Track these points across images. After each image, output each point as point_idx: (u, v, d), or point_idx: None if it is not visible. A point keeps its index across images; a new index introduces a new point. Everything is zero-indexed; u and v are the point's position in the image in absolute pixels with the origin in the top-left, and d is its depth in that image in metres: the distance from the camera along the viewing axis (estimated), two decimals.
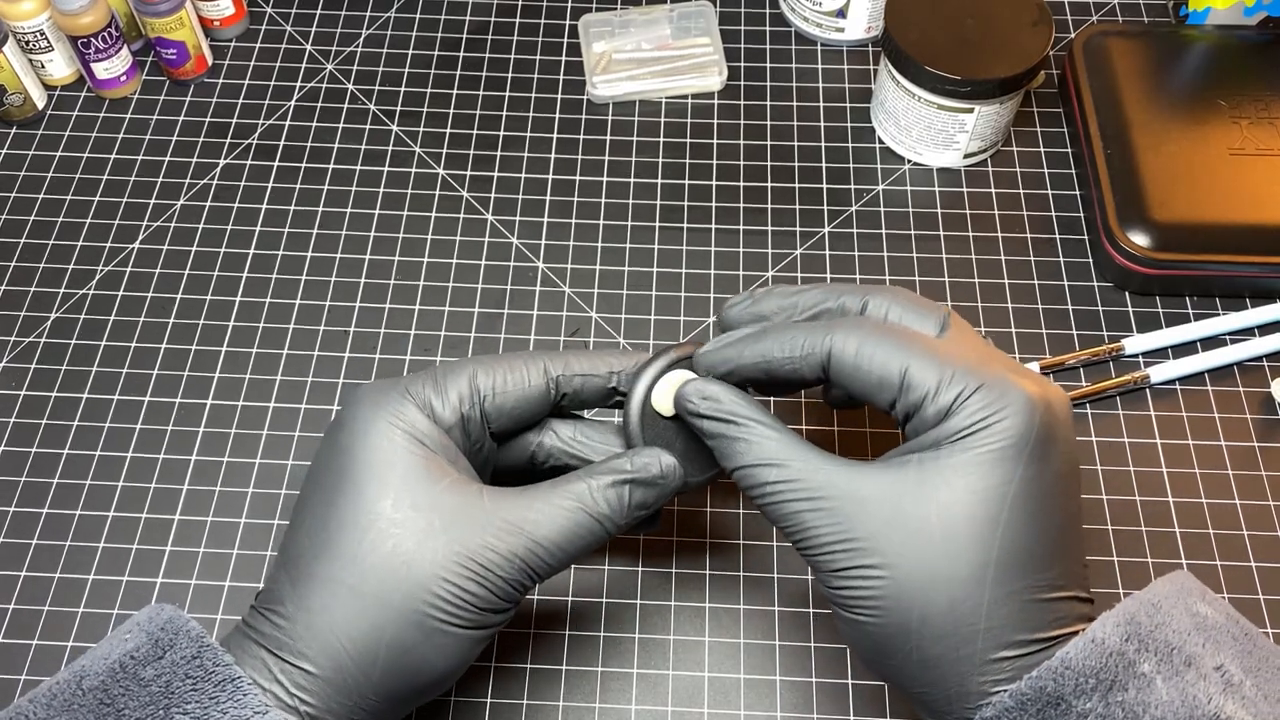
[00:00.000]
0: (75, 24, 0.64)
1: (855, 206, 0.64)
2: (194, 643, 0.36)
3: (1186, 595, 0.37)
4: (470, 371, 0.42)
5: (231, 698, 0.35)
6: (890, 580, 0.36)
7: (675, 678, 0.49)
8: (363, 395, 0.41)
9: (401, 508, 0.38)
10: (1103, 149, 0.61)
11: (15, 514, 0.53)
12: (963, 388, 0.36)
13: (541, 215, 0.64)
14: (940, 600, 0.35)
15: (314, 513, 0.39)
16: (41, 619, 0.51)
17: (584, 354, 0.43)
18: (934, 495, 0.36)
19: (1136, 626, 0.35)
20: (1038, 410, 0.36)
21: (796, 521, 0.38)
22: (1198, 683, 0.34)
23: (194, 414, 0.56)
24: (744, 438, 0.39)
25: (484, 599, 0.38)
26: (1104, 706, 0.33)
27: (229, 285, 0.61)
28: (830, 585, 0.37)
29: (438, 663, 0.38)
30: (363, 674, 0.37)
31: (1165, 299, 0.60)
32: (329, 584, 0.37)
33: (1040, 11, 0.62)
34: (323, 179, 0.65)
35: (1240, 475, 0.54)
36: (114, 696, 0.35)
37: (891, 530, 0.36)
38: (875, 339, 0.38)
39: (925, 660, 0.36)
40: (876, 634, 0.37)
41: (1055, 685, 0.34)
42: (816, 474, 0.38)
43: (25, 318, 0.60)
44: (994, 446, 0.36)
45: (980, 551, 0.35)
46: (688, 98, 0.69)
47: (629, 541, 0.53)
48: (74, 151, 0.66)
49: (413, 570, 0.37)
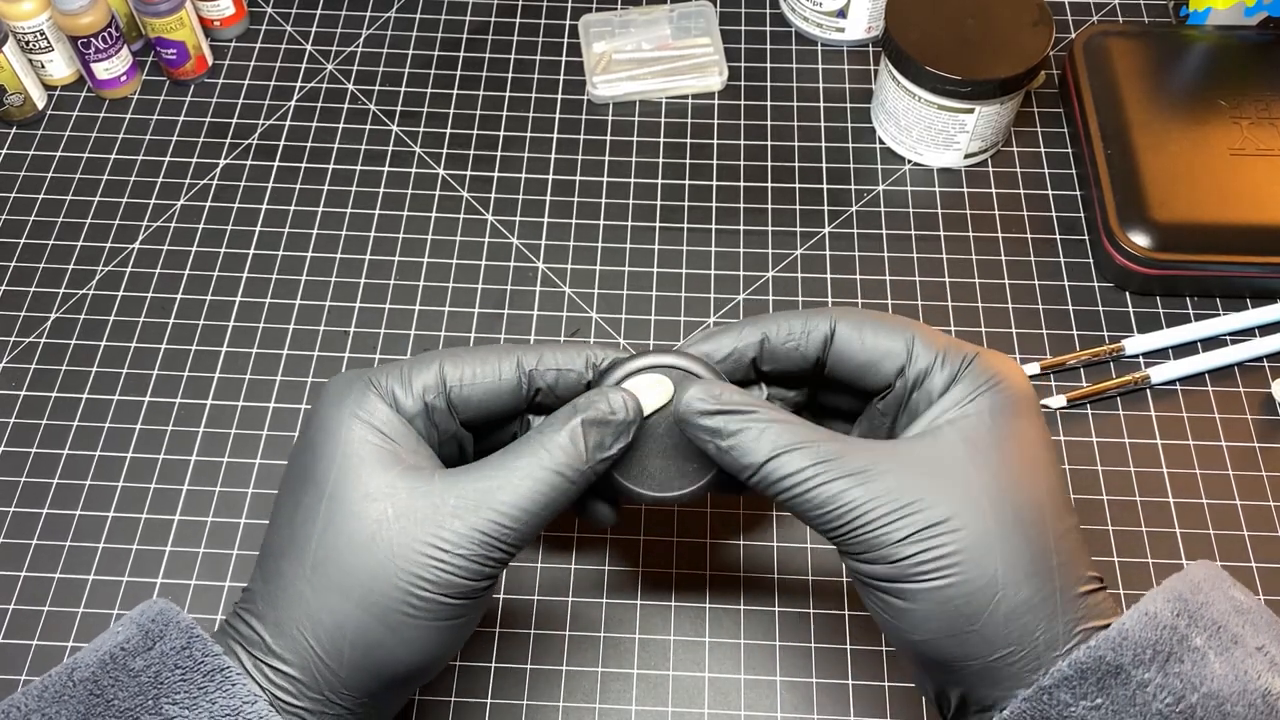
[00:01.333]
0: (75, 24, 0.64)
1: (855, 207, 0.64)
2: (184, 633, 0.36)
3: (1221, 580, 0.37)
4: (439, 362, 0.40)
5: (220, 687, 0.35)
6: (965, 530, 0.35)
7: (675, 678, 0.49)
8: (329, 388, 0.40)
9: (355, 498, 0.37)
10: (1103, 149, 0.61)
11: (15, 514, 0.53)
12: (964, 354, 0.39)
13: (541, 215, 0.64)
14: (1017, 541, 0.36)
15: (284, 510, 0.38)
16: (41, 619, 0.51)
17: (559, 347, 0.42)
18: (976, 448, 0.37)
19: (1184, 603, 0.35)
20: (1024, 372, 0.40)
21: (844, 502, 0.36)
22: (1246, 659, 0.34)
23: (194, 414, 0.56)
24: (765, 427, 0.37)
25: (448, 584, 0.36)
26: (1162, 677, 0.34)
27: (229, 285, 0.61)
28: (897, 559, 0.36)
29: (407, 657, 0.37)
30: (331, 671, 0.36)
31: (1165, 299, 0.60)
32: (294, 581, 0.37)
33: (1040, 11, 0.62)
34: (323, 179, 0.65)
35: (1240, 475, 0.54)
36: (104, 687, 0.35)
37: (949, 486, 0.36)
38: (874, 316, 0.41)
39: (1014, 609, 0.35)
40: (959, 595, 0.35)
41: (1115, 655, 0.34)
42: (853, 450, 0.37)
43: (25, 318, 0.60)
44: (1012, 401, 0.38)
45: (1033, 493, 0.37)
46: (688, 98, 0.69)
47: (629, 542, 0.53)
48: (74, 152, 0.66)
49: (369, 562, 0.36)
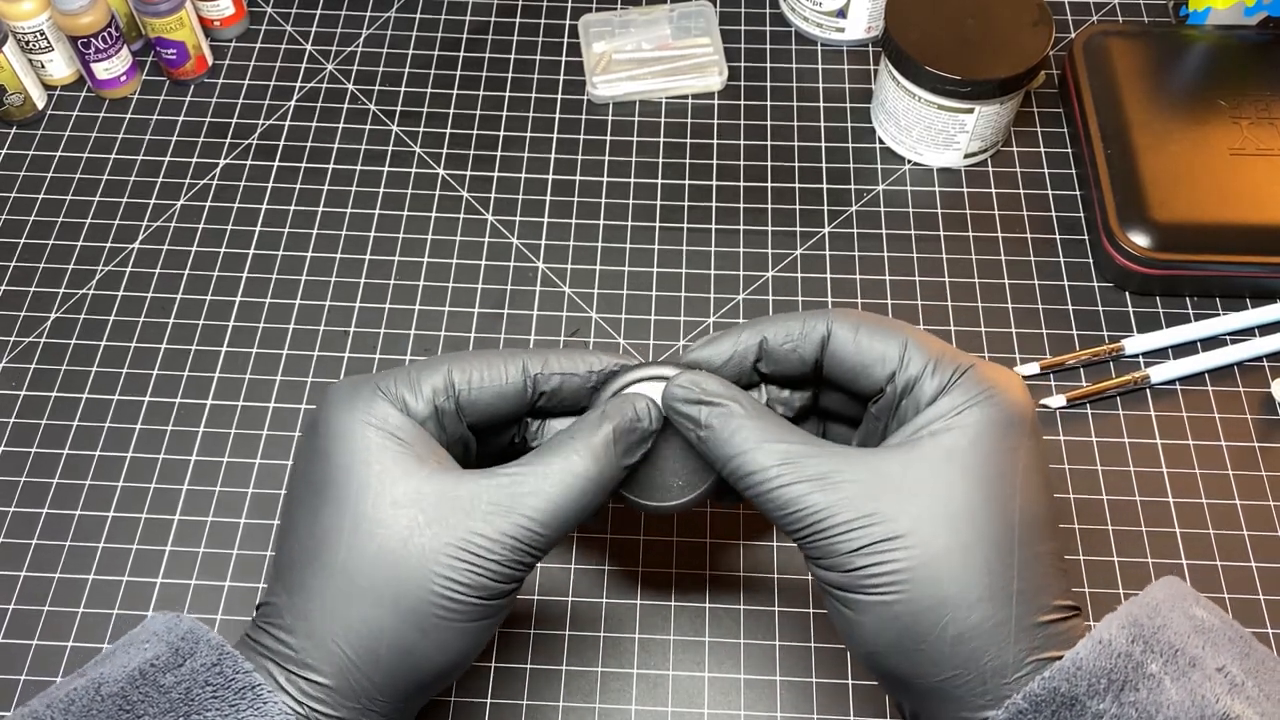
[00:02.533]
0: (75, 24, 0.64)
1: (855, 206, 0.64)
2: (214, 650, 0.36)
3: (1181, 599, 0.36)
4: (446, 366, 0.41)
5: (252, 705, 0.35)
6: (919, 548, 0.35)
7: (675, 678, 0.49)
8: (334, 395, 0.40)
9: (382, 506, 0.37)
10: (1103, 149, 0.61)
11: (15, 514, 0.53)
12: (958, 364, 0.38)
13: (541, 215, 0.64)
14: (975, 563, 0.35)
15: (300, 521, 0.38)
16: (41, 619, 0.51)
17: (563, 353, 0.42)
18: (952, 463, 0.36)
19: (1140, 628, 0.35)
20: (1025, 389, 0.39)
21: (806, 505, 0.36)
22: (1204, 683, 0.34)
23: (194, 414, 0.56)
24: (738, 424, 0.38)
25: (480, 587, 0.37)
26: (1118, 707, 0.33)
27: (229, 285, 0.61)
28: (849, 569, 0.36)
29: (440, 658, 0.37)
30: (367, 678, 0.37)
31: (1165, 299, 0.60)
32: (323, 593, 0.37)
33: (1040, 11, 0.62)
34: (323, 179, 0.65)
35: (1240, 475, 0.54)
36: (133, 703, 0.35)
37: (911, 501, 0.36)
38: (872, 319, 0.40)
39: (961, 634, 0.35)
40: (906, 613, 0.35)
41: (1069, 686, 0.33)
42: (820, 454, 0.37)
43: (25, 318, 0.60)
44: (1003, 417, 0.37)
45: (1004, 514, 0.36)
46: (688, 98, 0.69)
47: (629, 542, 0.53)
48: (74, 151, 0.66)
49: (402, 569, 0.36)
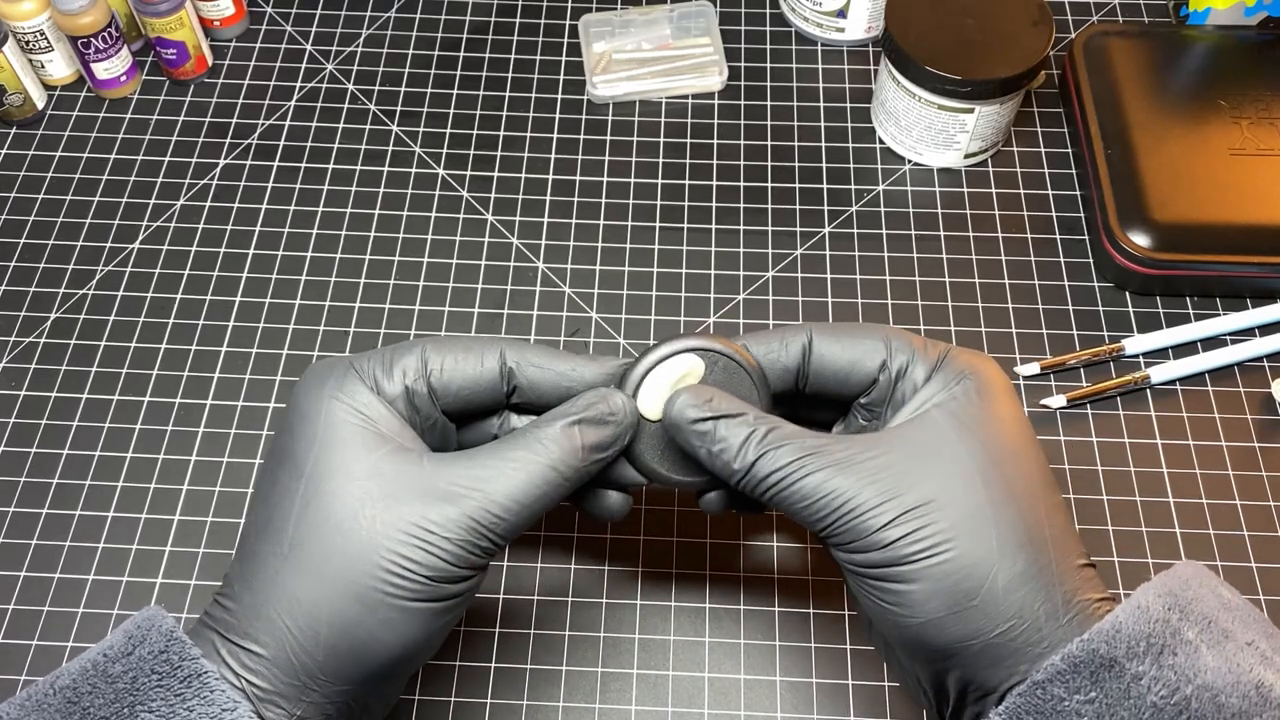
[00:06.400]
0: (75, 24, 0.64)
1: (855, 207, 0.64)
2: (163, 637, 0.35)
3: (1208, 578, 0.37)
4: (422, 346, 0.41)
5: (198, 694, 0.34)
6: (953, 506, 0.36)
7: (675, 678, 0.49)
8: (309, 371, 0.40)
9: (336, 478, 0.36)
10: (1103, 149, 0.61)
11: (15, 514, 0.53)
12: (941, 347, 0.41)
13: (541, 215, 0.64)
14: (1009, 514, 0.36)
15: (259, 492, 0.38)
16: (41, 619, 0.51)
17: (544, 349, 0.42)
18: (965, 425, 0.38)
19: (1175, 598, 0.36)
20: (998, 366, 0.41)
21: (829, 490, 0.36)
22: (1238, 653, 0.34)
23: (194, 414, 0.56)
24: (753, 427, 0.38)
25: (432, 567, 0.36)
26: (1157, 669, 0.34)
27: (229, 285, 0.61)
28: (887, 543, 0.36)
29: (387, 639, 0.36)
30: (306, 652, 0.36)
31: (1165, 299, 0.60)
32: (269, 560, 0.36)
33: (1040, 11, 0.62)
34: (323, 179, 0.65)
35: (1240, 475, 0.54)
36: (81, 694, 0.34)
37: (934, 466, 0.37)
38: (846, 324, 0.42)
39: (1011, 581, 0.35)
40: (956, 569, 0.35)
41: (1108, 648, 0.34)
42: (834, 442, 0.38)
43: (25, 318, 0.60)
44: (991, 386, 0.39)
45: (1024, 469, 0.38)
46: (688, 98, 0.69)
47: (629, 542, 0.53)
48: (74, 151, 0.66)
49: (350, 541, 0.36)
